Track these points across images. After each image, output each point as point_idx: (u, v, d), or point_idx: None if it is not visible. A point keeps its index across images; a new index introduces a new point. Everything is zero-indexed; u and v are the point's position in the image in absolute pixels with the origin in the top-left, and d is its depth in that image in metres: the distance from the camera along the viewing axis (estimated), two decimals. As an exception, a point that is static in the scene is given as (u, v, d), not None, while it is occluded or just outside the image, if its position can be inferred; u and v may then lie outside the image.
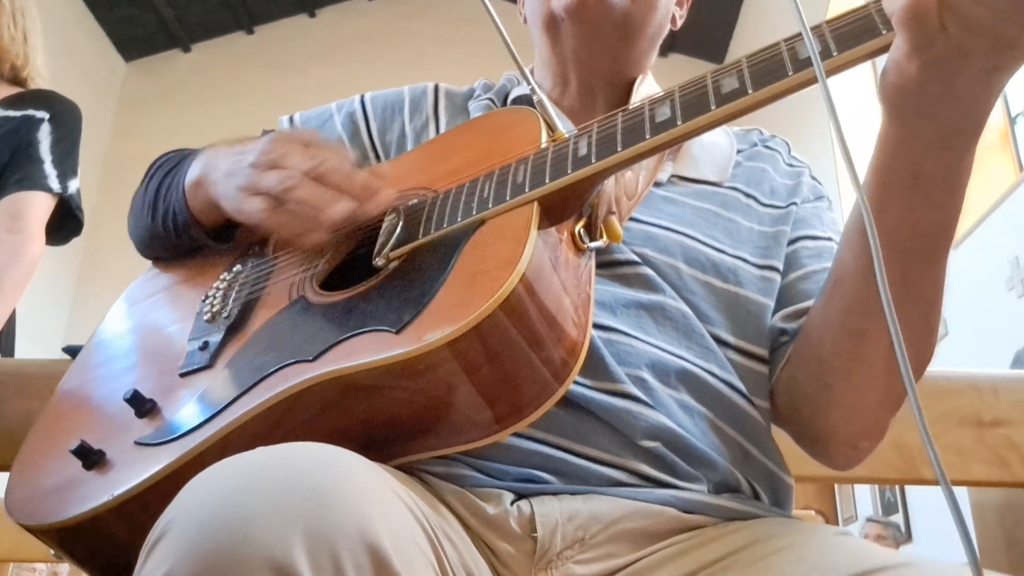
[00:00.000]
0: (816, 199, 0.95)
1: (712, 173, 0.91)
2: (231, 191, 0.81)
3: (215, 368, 0.76)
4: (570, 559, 0.70)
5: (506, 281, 0.64)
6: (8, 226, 1.81)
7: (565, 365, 0.68)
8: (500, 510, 0.71)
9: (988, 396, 1.13)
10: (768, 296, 0.87)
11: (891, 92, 0.64)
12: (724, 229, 0.87)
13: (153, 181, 0.95)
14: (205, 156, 0.88)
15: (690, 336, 0.81)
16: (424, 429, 0.70)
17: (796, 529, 0.72)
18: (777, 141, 1.00)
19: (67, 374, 0.88)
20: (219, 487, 0.52)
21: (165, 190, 0.91)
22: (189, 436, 0.70)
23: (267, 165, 0.78)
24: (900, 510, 6.10)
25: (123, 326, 0.92)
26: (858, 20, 0.64)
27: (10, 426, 1.00)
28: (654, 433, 0.75)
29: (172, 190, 0.90)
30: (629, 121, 0.72)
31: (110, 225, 1.96)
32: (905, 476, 1.12)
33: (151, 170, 0.98)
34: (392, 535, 0.52)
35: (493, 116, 0.90)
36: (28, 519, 0.73)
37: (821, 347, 0.80)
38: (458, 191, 0.77)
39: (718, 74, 0.70)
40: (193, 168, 0.88)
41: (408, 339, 0.64)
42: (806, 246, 0.90)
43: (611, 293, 0.80)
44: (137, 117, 8.77)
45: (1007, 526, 1.15)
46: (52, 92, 2.01)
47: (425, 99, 0.99)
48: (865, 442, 0.83)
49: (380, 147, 0.97)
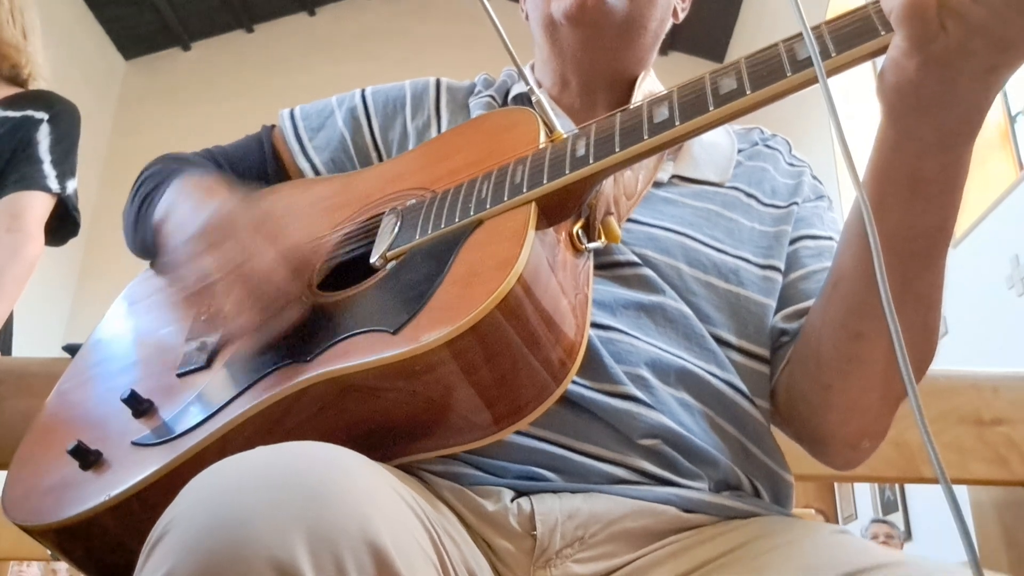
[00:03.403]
0: (817, 198, 0.95)
1: (713, 173, 0.91)
2: (178, 248, 0.80)
3: (212, 368, 0.76)
4: (569, 558, 0.70)
5: (503, 282, 0.64)
6: (7, 225, 1.81)
7: (563, 365, 0.68)
8: (500, 507, 0.71)
9: (988, 394, 1.13)
10: (769, 296, 0.86)
11: (890, 92, 0.64)
12: (725, 229, 0.87)
13: (138, 197, 0.95)
14: (172, 194, 0.88)
15: (690, 337, 0.81)
16: (422, 430, 0.70)
17: (794, 527, 0.72)
18: (778, 140, 0.99)
19: (65, 374, 0.88)
20: (220, 487, 0.52)
21: (145, 209, 0.92)
22: (187, 436, 0.70)
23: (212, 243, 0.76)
24: (900, 509, 6.11)
25: (121, 326, 0.92)
26: (857, 21, 0.64)
27: (10, 425, 0.99)
28: (654, 432, 0.75)
29: (148, 214, 0.91)
30: (627, 122, 0.72)
31: (110, 224, 1.96)
32: (905, 475, 1.12)
33: (139, 182, 0.98)
34: (393, 534, 0.52)
35: (492, 116, 0.90)
36: (25, 519, 0.73)
37: (820, 348, 0.80)
38: (456, 191, 0.77)
39: (716, 75, 0.70)
40: (161, 205, 0.88)
41: (405, 340, 0.64)
42: (807, 246, 0.90)
43: (611, 294, 0.80)
44: (137, 115, 8.78)
45: (1007, 525, 1.15)
46: (51, 92, 2.01)
47: (427, 96, 0.99)
48: (866, 442, 0.83)
49: (382, 145, 0.96)
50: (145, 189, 0.95)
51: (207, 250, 0.75)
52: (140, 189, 0.96)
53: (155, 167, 0.98)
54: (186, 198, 0.85)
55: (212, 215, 0.77)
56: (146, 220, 0.91)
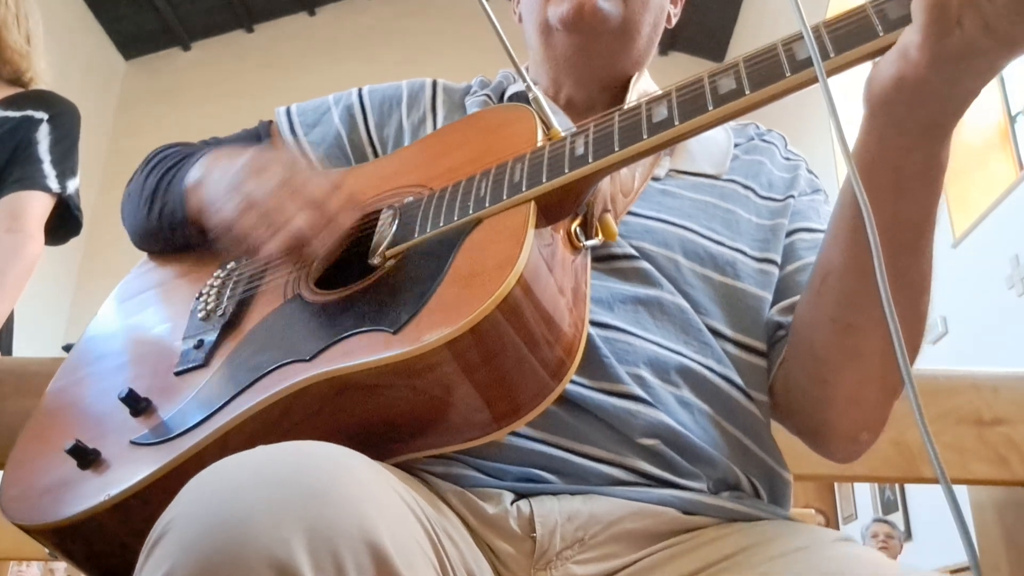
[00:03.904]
0: (813, 192, 0.95)
1: (710, 166, 0.91)
2: (219, 192, 0.82)
3: (210, 367, 0.76)
4: (569, 559, 0.70)
5: (504, 281, 0.63)
6: (7, 225, 1.81)
7: (562, 364, 0.68)
8: (500, 510, 0.71)
9: (988, 394, 1.13)
10: (766, 289, 0.86)
11: (890, 84, 0.64)
12: (723, 221, 0.87)
13: (153, 175, 0.95)
14: (207, 159, 0.88)
15: (687, 331, 0.81)
16: (422, 428, 0.70)
17: (797, 533, 0.72)
18: (774, 135, 0.99)
19: (59, 371, 0.88)
20: (219, 486, 0.52)
21: (166, 185, 0.91)
22: (186, 436, 0.70)
23: (254, 171, 0.80)
24: (900, 508, 6.11)
25: (116, 323, 0.92)
26: (855, 21, 0.64)
27: (10, 424, 0.99)
28: (653, 431, 0.75)
29: (172, 188, 0.90)
30: (626, 121, 0.72)
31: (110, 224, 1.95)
32: (905, 475, 1.12)
33: (151, 161, 0.97)
34: (393, 534, 0.52)
35: (490, 113, 0.90)
36: (23, 519, 0.72)
37: (813, 342, 0.80)
38: (454, 189, 0.77)
39: (715, 75, 0.69)
40: (195, 170, 0.88)
41: (406, 339, 0.64)
42: (803, 239, 0.90)
43: (608, 289, 0.80)
44: (137, 115, 8.78)
45: (1007, 525, 1.15)
46: (51, 92, 2.01)
47: (423, 94, 0.99)
48: (865, 434, 0.83)
49: (377, 141, 0.96)
50: (164, 166, 0.94)
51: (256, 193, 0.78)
52: (156, 167, 0.95)
53: (168, 151, 0.98)
54: (223, 158, 0.86)
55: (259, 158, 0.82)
56: (171, 189, 0.91)
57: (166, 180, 0.92)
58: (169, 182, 0.91)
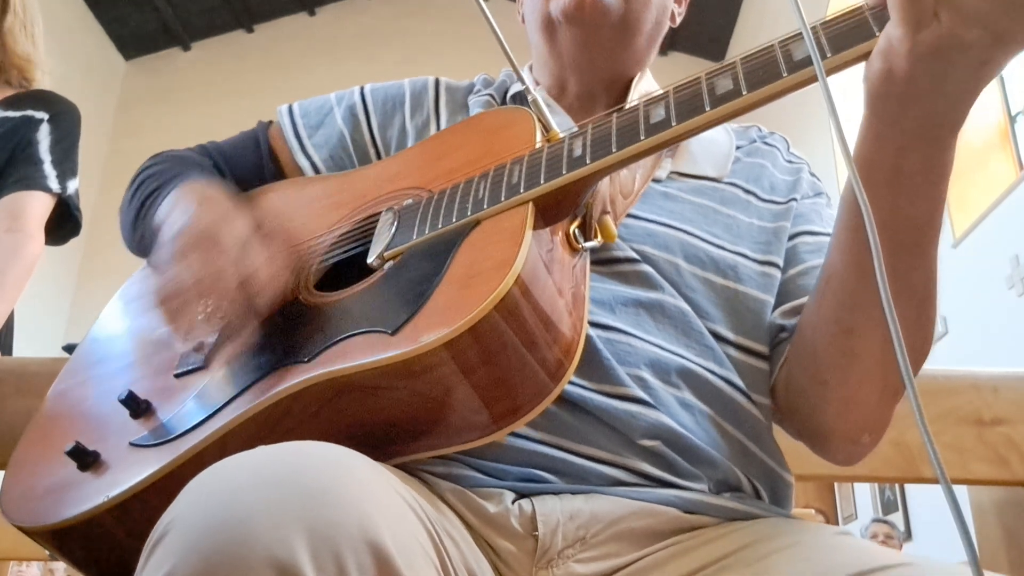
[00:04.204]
0: (815, 195, 0.95)
1: (711, 169, 0.91)
2: (167, 248, 0.79)
3: (210, 369, 0.76)
4: (571, 558, 0.70)
5: (502, 282, 0.64)
6: (8, 226, 1.82)
7: (560, 365, 0.68)
8: (501, 508, 0.71)
9: (988, 394, 1.13)
10: (768, 292, 0.86)
11: (877, 79, 0.63)
12: (723, 225, 0.87)
13: (136, 197, 0.95)
14: (173, 196, 0.87)
15: (689, 334, 0.81)
16: (421, 429, 0.70)
17: (797, 529, 0.72)
18: (776, 138, 0.99)
19: (61, 374, 0.88)
20: (220, 487, 0.52)
21: (145, 212, 0.92)
22: (186, 437, 0.70)
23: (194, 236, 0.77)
24: (900, 509, 6.11)
25: (117, 326, 0.92)
26: (852, 21, 0.64)
27: (10, 424, 0.99)
28: (654, 432, 0.75)
29: (148, 219, 0.90)
30: (624, 122, 0.72)
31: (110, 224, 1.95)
32: (905, 475, 1.12)
33: (139, 178, 0.97)
34: (394, 533, 0.52)
35: (488, 115, 0.90)
36: (23, 520, 0.73)
37: (815, 344, 0.80)
38: (453, 191, 0.77)
39: (712, 75, 0.69)
40: (164, 207, 0.87)
41: (404, 340, 0.64)
42: (806, 242, 0.90)
43: (610, 291, 0.80)
44: (137, 116, 8.78)
45: (1007, 525, 1.15)
46: (51, 92, 2.01)
47: (426, 94, 0.99)
48: (866, 437, 0.83)
49: (380, 143, 0.97)
50: (146, 189, 0.94)
51: (202, 254, 0.75)
52: (140, 188, 0.95)
53: (155, 167, 0.97)
54: (187, 204, 0.85)
55: (209, 221, 0.77)
56: (147, 221, 0.91)
57: (145, 208, 0.92)
58: (148, 208, 0.91)
